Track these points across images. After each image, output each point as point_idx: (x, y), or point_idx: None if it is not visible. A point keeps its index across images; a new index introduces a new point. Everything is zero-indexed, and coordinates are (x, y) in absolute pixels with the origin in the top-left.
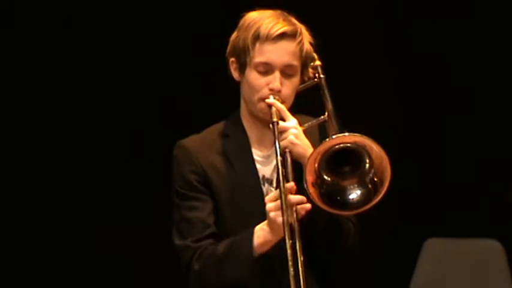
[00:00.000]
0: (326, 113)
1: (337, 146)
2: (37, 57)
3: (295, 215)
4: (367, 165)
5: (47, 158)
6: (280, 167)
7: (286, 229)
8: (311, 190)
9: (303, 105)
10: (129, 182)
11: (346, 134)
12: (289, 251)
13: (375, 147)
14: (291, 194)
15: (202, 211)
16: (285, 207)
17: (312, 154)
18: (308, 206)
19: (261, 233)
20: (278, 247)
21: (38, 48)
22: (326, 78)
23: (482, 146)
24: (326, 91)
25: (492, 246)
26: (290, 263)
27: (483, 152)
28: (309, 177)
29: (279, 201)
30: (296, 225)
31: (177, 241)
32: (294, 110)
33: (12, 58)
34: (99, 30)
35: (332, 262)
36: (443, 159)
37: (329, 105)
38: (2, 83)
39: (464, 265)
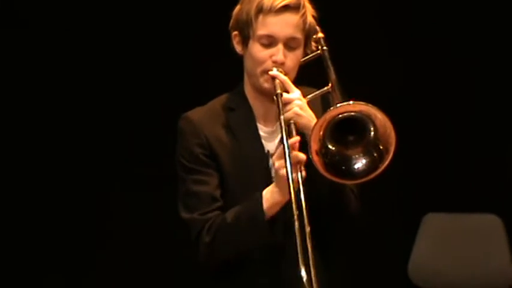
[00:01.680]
0: (330, 84)
1: (342, 115)
2: (34, 57)
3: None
4: (372, 133)
5: (46, 157)
6: (284, 128)
7: (291, 185)
8: (315, 158)
9: (306, 77)
10: (128, 181)
11: (351, 102)
12: (294, 209)
13: (379, 116)
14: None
15: (209, 185)
16: (291, 162)
17: (317, 122)
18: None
19: (269, 195)
20: (283, 210)
21: (36, 48)
22: (329, 50)
23: (481, 121)
24: (329, 62)
25: (491, 221)
26: (296, 223)
27: (482, 127)
28: (314, 145)
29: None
30: (301, 182)
31: (184, 214)
32: (297, 82)
33: (10, 58)
34: (98, 31)
35: (333, 230)
36: (442, 134)
37: (332, 75)
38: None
39: (463, 240)
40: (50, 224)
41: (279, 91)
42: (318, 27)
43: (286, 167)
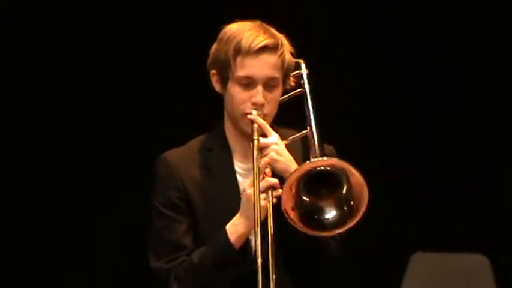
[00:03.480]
0: (308, 128)
1: (315, 169)
2: (29, 57)
3: (270, 199)
4: (345, 188)
5: (44, 156)
6: (255, 155)
7: (256, 209)
8: (291, 215)
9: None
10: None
11: (325, 158)
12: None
13: (355, 173)
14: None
15: (178, 232)
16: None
17: (287, 180)
18: (280, 191)
19: (233, 229)
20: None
21: (30, 48)
22: (311, 88)
23: (470, 160)
24: (310, 103)
25: (479, 261)
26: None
27: (471, 166)
28: (288, 204)
29: (262, 186)
30: (270, 210)
31: (152, 263)
32: (278, 119)
33: (7, 57)
34: (98, 31)
35: (311, 273)
36: (431, 173)
37: (311, 118)
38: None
39: (451, 280)
40: (47, 224)
41: (255, 137)
42: (302, 62)
43: (254, 194)
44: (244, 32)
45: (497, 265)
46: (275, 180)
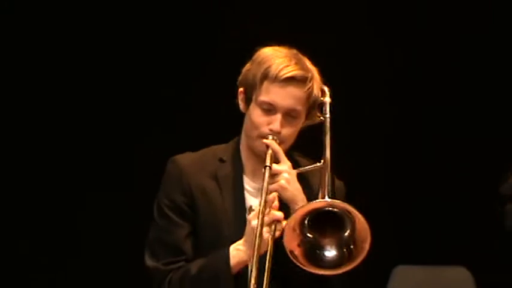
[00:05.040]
0: (322, 161)
1: (318, 210)
2: (23, 57)
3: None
4: (348, 231)
5: (40, 155)
6: (266, 183)
7: (256, 244)
8: (296, 253)
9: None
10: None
11: (327, 199)
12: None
13: (361, 219)
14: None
15: (178, 236)
16: (268, 224)
17: (292, 217)
18: (284, 223)
19: (235, 253)
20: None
21: (22, 47)
22: (331, 118)
23: (452, 173)
24: (327, 135)
25: (460, 274)
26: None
27: (453, 181)
28: (292, 244)
29: (264, 218)
30: (271, 244)
31: (149, 262)
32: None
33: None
34: (96, 31)
35: None
36: (412, 188)
37: (327, 151)
38: None
39: None
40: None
41: (267, 163)
42: (327, 91)
43: (257, 227)
44: (277, 58)
45: (479, 277)
46: (280, 214)
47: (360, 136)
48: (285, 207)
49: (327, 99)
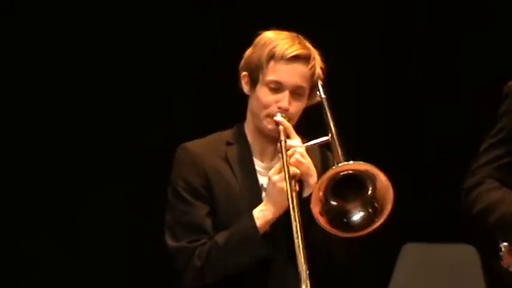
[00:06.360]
0: (329, 135)
1: (340, 174)
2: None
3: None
4: (370, 191)
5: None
6: (284, 154)
7: (290, 199)
8: (320, 219)
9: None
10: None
11: (351, 162)
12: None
13: (381, 176)
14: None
15: (198, 216)
16: (288, 177)
17: (317, 184)
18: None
19: (260, 215)
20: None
21: (24, 49)
22: (327, 99)
23: (459, 152)
24: (328, 111)
25: (467, 251)
26: (296, 235)
27: (460, 160)
28: (315, 208)
29: (282, 173)
30: (296, 199)
31: (171, 243)
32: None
33: None
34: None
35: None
36: (421, 168)
37: (331, 126)
38: None
39: (441, 269)
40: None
41: (282, 138)
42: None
43: (286, 185)
44: (280, 39)
45: (485, 255)
46: (297, 170)
47: (363, 117)
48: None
49: (319, 82)
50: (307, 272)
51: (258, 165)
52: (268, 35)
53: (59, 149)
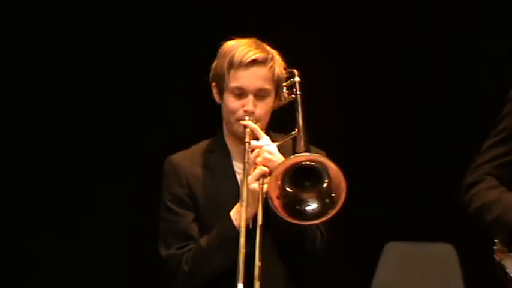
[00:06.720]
0: (296, 129)
1: (296, 164)
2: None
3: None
4: (326, 182)
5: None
6: (247, 154)
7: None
8: (275, 202)
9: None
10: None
11: (307, 154)
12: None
13: (332, 166)
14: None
15: (185, 224)
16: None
17: (274, 172)
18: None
19: (237, 215)
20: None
21: (24, 49)
22: (301, 95)
23: (440, 154)
24: (299, 108)
25: (446, 250)
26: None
27: (440, 164)
28: (273, 193)
29: (255, 174)
30: (262, 194)
31: (163, 252)
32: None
33: None
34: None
35: (300, 261)
36: (403, 169)
37: (300, 121)
38: None
39: (421, 266)
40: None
41: (247, 139)
42: (296, 72)
43: (244, 182)
44: (238, 47)
45: (463, 253)
46: (266, 169)
47: (347, 115)
48: None
49: (297, 79)
50: (260, 269)
51: (238, 167)
52: (228, 45)
53: (59, 149)
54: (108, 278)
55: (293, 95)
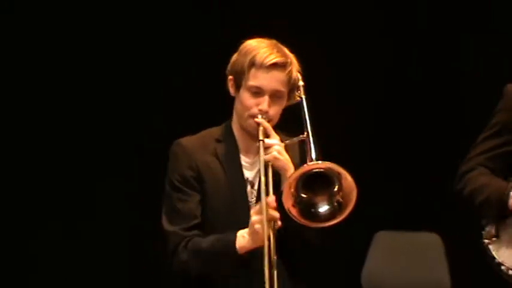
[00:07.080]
0: (305, 133)
1: (309, 172)
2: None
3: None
4: (336, 187)
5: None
6: (263, 182)
7: (265, 240)
8: (292, 212)
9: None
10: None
11: (319, 162)
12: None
13: (348, 177)
14: (272, 208)
15: (191, 204)
16: (267, 221)
17: (287, 181)
18: (279, 223)
19: (241, 240)
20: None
21: (24, 49)
22: (307, 99)
23: (427, 147)
24: (306, 111)
25: (432, 239)
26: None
27: (429, 156)
28: (287, 202)
29: (261, 216)
30: (272, 237)
31: (167, 227)
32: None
33: None
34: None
35: (300, 259)
36: (394, 161)
37: (308, 125)
38: None
39: (408, 254)
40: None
41: (261, 137)
42: (299, 76)
43: (261, 187)
44: (260, 48)
45: (448, 242)
46: (277, 214)
47: (347, 115)
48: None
49: (301, 83)
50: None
51: (244, 160)
52: (251, 43)
53: (59, 148)
54: (108, 278)
55: (299, 97)
